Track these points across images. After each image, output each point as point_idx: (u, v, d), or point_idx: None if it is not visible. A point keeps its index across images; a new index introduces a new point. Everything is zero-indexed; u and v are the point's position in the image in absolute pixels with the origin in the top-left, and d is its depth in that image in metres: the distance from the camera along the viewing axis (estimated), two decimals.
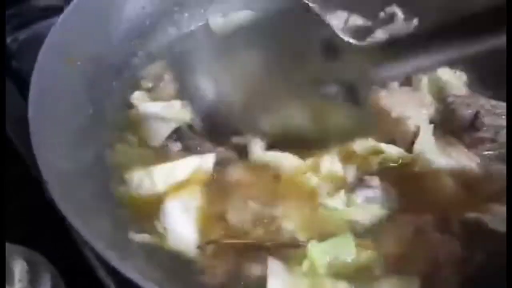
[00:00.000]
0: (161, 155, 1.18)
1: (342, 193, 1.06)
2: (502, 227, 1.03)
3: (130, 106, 1.30)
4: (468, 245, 1.01)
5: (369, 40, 1.44)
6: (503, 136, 1.20)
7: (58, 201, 0.87)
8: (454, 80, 1.35)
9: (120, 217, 1.04)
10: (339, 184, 1.09)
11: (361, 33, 1.50)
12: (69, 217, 0.86)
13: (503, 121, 1.19)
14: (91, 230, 0.86)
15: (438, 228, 1.03)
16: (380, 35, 1.45)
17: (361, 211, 1.03)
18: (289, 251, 0.97)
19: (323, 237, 0.99)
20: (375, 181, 1.08)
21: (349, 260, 0.97)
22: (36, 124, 0.97)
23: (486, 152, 1.19)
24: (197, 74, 1.38)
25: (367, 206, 1.04)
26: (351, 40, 1.45)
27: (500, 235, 1.01)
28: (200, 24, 1.57)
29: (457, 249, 1.00)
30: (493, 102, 1.23)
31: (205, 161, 1.15)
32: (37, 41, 1.21)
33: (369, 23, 1.51)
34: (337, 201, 1.04)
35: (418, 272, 0.96)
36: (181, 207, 1.04)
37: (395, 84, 1.28)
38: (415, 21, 1.41)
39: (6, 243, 1.02)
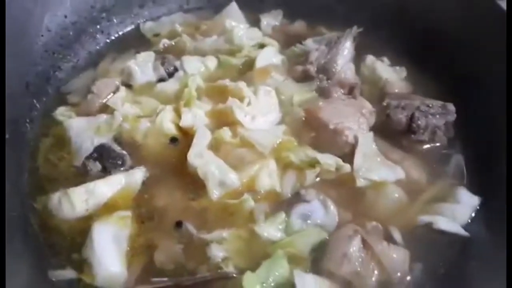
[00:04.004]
0: (83, 174, 1.09)
1: (279, 216, 1.01)
2: (448, 227, 1.04)
3: (55, 123, 1.21)
4: (415, 253, 0.99)
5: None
6: (439, 136, 1.19)
7: None
8: (394, 76, 1.34)
9: (41, 252, 0.96)
10: (277, 203, 1.05)
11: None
12: None
13: (438, 121, 1.18)
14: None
15: (385, 237, 1.01)
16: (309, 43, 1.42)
17: (300, 240, 0.97)
18: (221, 282, 0.92)
19: (257, 264, 0.94)
20: (311, 194, 1.03)
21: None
22: None
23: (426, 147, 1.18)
24: None
25: (306, 230, 0.99)
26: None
27: (447, 237, 1.02)
28: (129, 29, 1.49)
29: (405, 257, 0.97)
30: (428, 101, 1.21)
31: (133, 178, 1.08)
32: None
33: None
34: (275, 229, 0.99)
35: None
36: (111, 236, 0.96)
37: (338, 93, 1.24)
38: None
39: None
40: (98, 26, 1.42)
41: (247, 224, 1.01)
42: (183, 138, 1.17)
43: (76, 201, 1.01)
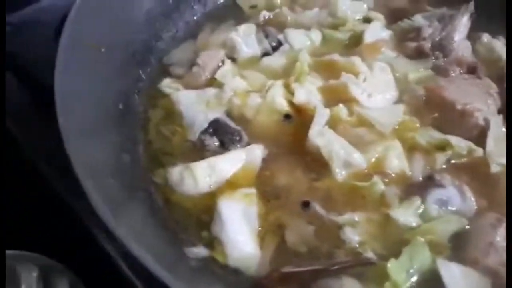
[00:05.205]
0: (200, 149, 1.05)
1: (415, 201, 0.94)
2: None
3: (161, 95, 1.17)
4: None
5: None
6: None
7: (98, 207, 0.75)
8: None
9: (170, 229, 0.92)
10: (407, 187, 0.98)
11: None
12: (116, 232, 0.74)
13: None
14: (139, 243, 0.74)
15: None
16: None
17: (440, 226, 0.91)
18: (359, 269, 0.87)
19: (394, 250, 0.88)
20: (447, 179, 0.96)
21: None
22: (66, 127, 0.83)
23: None
24: None
25: (445, 216, 0.93)
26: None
27: None
28: None
29: None
30: None
31: (252, 155, 1.03)
32: (29, 24, 1.14)
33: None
34: (411, 214, 0.93)
35: None
36: (240, 213, 0.92)
37: (456, 72, 1.17)
38: None
39: (14, 251, 0.97)
40: None
41: (379, 208, 0.95)
42: (296, 115, 1.11)
43: (199, 176, 0.97)
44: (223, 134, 1.05)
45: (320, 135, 1.03)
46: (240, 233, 0.90)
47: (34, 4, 1.32)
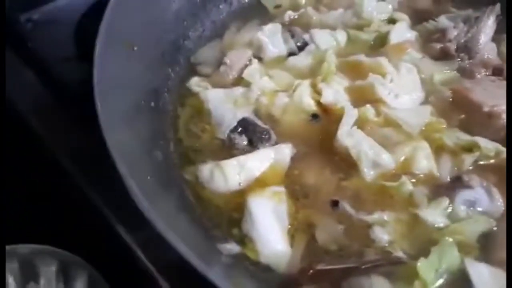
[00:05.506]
0: (229, 147, 1.07)
1: (443, 202, 0.95)
2: None
3: (190, 93, 1.19)
4: None
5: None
6: None
7: (136, 196, 0.76)
8: None
9: (203, 225, 0.95)
10: (435, 187, 0.99)
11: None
12: (152, 220, 0.75)
13: None
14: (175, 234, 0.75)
15: None
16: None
17: (468, 227, 0.92)
18: (388, 268, 0.88)
19: (423, 249, 0.90)
20: (475, 180, 0.97)
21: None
22: (106, 124, 0.85)
23: None
24: None
25: (473, 217, 0.94)
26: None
27: None
28: None
29: None
30: None
31: (281, 154, 1.04)
32: (48, 22, 1.16)
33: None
34: (439, 214, 0.94)
35: None
36: (270, 211, 0.93)
37: (481, 74, 1.18)
38: None
39: (34, 245, 1.00)
40: None
41: (408, 207, 0.96)
42: (323, 115, 1.13)
43: (229, 173, 0.99)
44: (252, 133, 1.07)
45: (349, 136, 1.04)
46: (271, 230, 0.92)
47: (51, 2, 1.36)
